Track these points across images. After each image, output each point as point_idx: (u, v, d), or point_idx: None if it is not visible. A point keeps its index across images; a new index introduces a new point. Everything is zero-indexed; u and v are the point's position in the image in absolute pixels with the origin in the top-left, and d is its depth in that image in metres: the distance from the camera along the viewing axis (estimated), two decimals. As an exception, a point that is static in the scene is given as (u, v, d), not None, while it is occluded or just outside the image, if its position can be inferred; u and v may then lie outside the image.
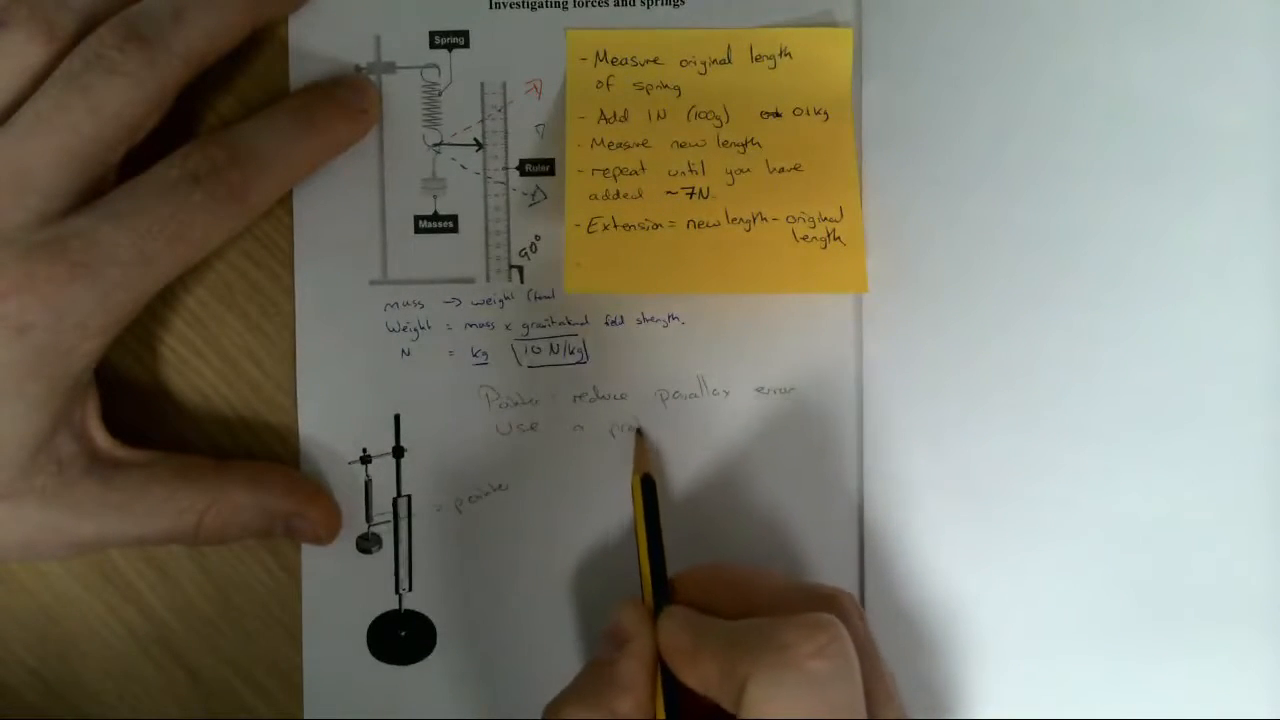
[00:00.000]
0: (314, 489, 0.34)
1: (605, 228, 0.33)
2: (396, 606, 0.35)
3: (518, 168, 0.35)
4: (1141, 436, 0.34)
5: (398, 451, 0.34)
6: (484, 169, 0.35)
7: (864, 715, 0.27)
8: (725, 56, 0.34)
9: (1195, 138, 0.34)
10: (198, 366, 0.35)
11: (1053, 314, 0.34)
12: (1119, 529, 0.34)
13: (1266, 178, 0.34)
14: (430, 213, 0.34)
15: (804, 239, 0.33)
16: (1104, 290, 0.34)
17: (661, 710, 0.29)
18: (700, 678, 0.28)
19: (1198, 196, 0.34)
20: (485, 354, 0.35)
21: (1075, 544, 0.34)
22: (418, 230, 0.34)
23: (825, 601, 0.30)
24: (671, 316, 0.35)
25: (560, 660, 0.34)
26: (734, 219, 0.33)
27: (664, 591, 0.31)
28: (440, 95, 0.34)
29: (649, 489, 0.32)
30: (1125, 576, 0.34)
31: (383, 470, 0.35)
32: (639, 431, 0.34)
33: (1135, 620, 0.35)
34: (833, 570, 0.34)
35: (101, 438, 0.32)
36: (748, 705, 0.26)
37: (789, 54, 0.34)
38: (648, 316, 0.35)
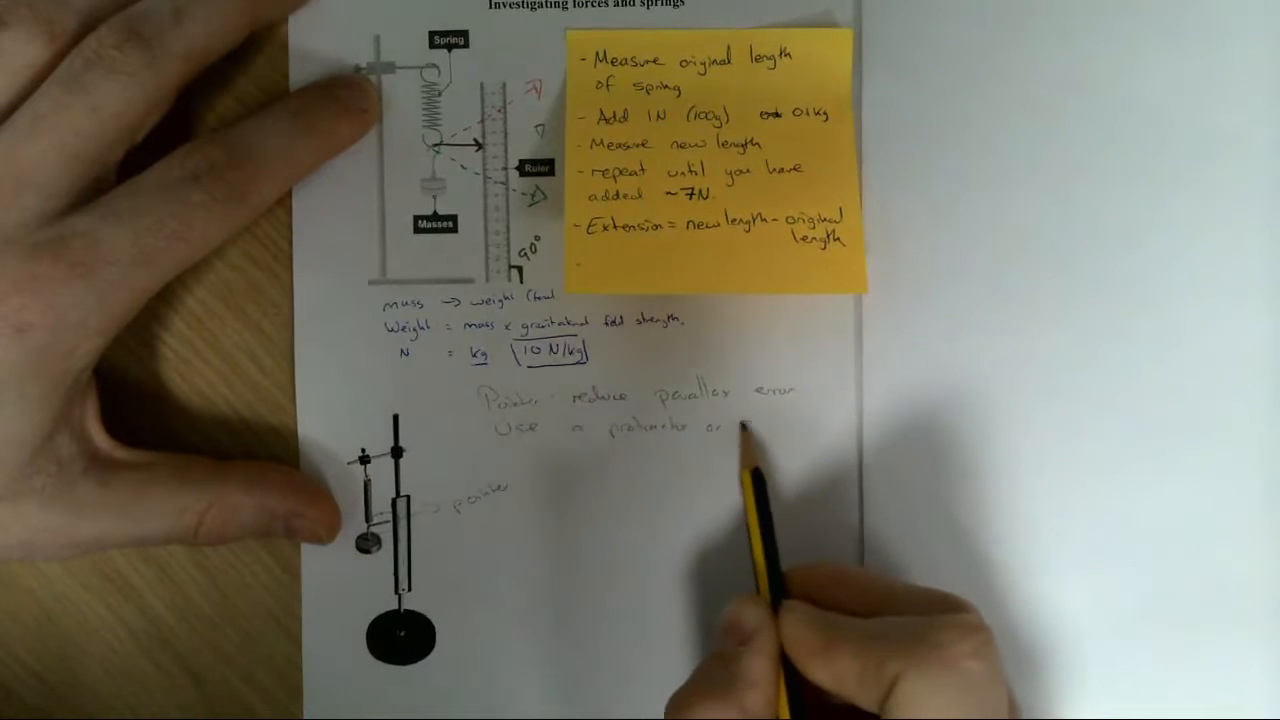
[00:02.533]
0: (313, 489, 0.34)
1: (605, 228, 0.33)
2: (396, 606, 0.35)
3: (517, 168, 0.35)
4: (1141, 437, 0.34)
5: (396, 452, 0.34)
6: (484, 169, 0.35)
7: (1010, 718, 0.27)
8: (725, 57, 0.34)
9: (1196, 138, 0.34)
10: (197, 366, 0.35)
11: (1052, 314, 0.34)
12: (1119, 529, 0.34)
13: (1267, 179, 0.34)
14: (430, 213, 0.34)
15: (803, 239, 0.33)
16: (1103, 290, 0.34)
17: (785, 708, 0.29)
18: (833, 674, 0.28)
19: (1198, 197, 0.34)
20: (485, 354, 0.35)
21: (1075, 545, 0.34)
22: (417, 230, 0.34)
23: (957, 606, 0.30)
24: (671, 316, 0.35)
25: (559, 661, 0.34)
26: (734, 219, 0.33)
27: (780, 585, 0.31)
28: (440, 95, 0.34)
29: (759, 482, 0.32)
30: (1125, 577, 0.34)
31: (382, 470, 0.35)
32: (744, 425, 0.34)
33: (1135, 621, 0.34)
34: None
35: (101, 438, 0.32)
36: (900, 702, 0.26)
37: (789, 54, 0.34)
38: (648, 316, 0.35)
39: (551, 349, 0.35)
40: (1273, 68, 0.34)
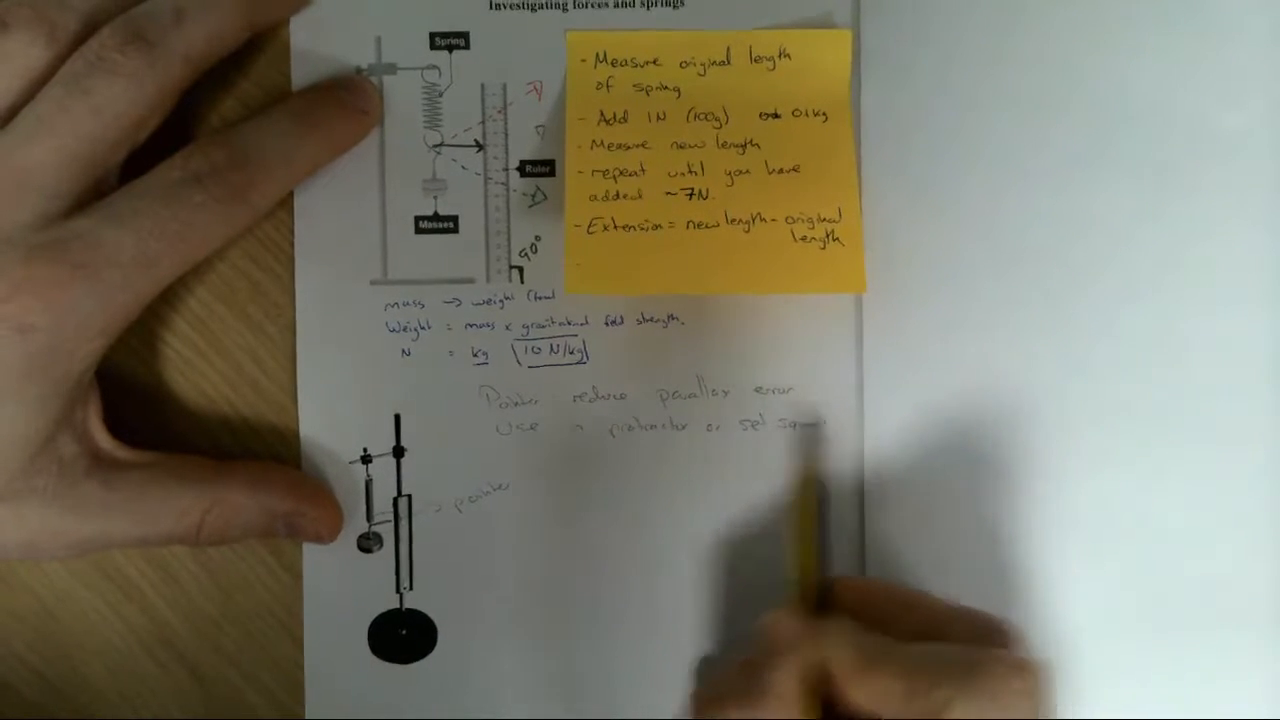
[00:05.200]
0: (315, 488, 0.34)
1: (605, 228, 0.33)
2: (397, 606, 0.35)
3: (518, 169, 0.35)
4: (1141, 437, 0.34)
5: (398, 451, 0.35)
6: (484, 170, 0.35)
7: None
8: (724, 58, 0.34)
9: (1196, 137, 0.34)
10: (199, 367, 0.35)
11: (1053, 314, 0.34)
12: (1119, 529, 0.34)
13: (1266, 178, 0.34)
14: (431, 213, 0.35)
15: (803, 240, 0.33)
16: (1103, 290, 0.34)
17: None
18: (873, 695, 0.28)
19: (1199, 197, 0.34)
20: (485, 354, 0.35)
21: (1076, 545, 0.34)
22: (418, 230, 0.35)
23: (998, 630, 0.30)
24: (671, 316, 0.35)
25: (560, 660, 0.35)
26: (733, 220, 0.33)
27: (821, 598, 0.31)
28: (441, 96, 0.34)
29: (818, 490, 0.32)
30: (1126, 577, 0.35)
31: (383, 470, 0.35)
32: (816, 425, 0.34)
33: (1136, 621, 0.35)
34: (834, 571, 0.34)
35: (103, 439, 0.32)
36: None
37: (788, 55, 0.34)
38: (648, 316, 0.35)
39: (552, 349, 0.35)
40: (1271, 66, 0.34)
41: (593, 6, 0.34)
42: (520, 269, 0.35)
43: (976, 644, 0.29)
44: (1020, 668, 0.28)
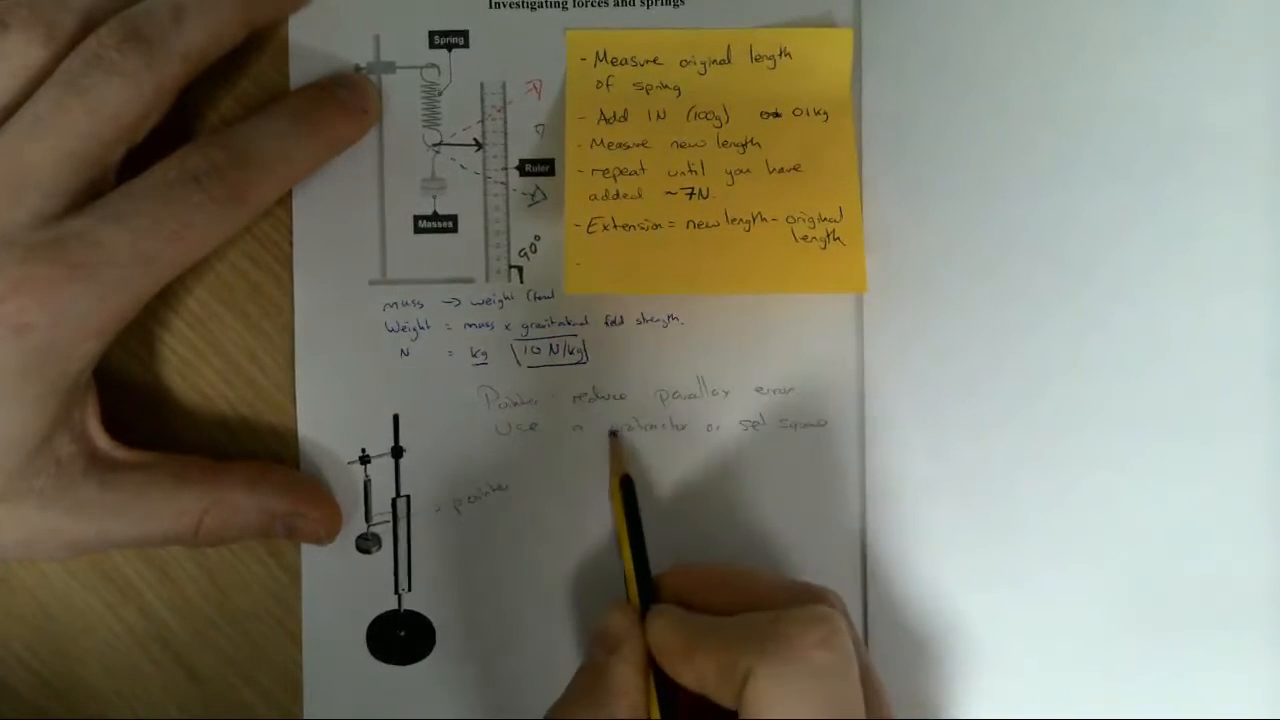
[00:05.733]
0: (313, 489, 0.34)
1: (605, 228, 0.33)
2: (396, 606, 0.35)
3: (517, 168, 0.34)
4: (1142, 437, 0.34)
5: (397, 452, 0.34)
6: (483, 169, 0.34)
7: (862, 709, 0.27)
8: (725, 57, 0.34)
9: (1197, 137, 0.34)
10: (198, 367, 0.35)
11: (1052, 314, 0.34)
12: (1120, 529, 0.34)
13: (1273, 184, 0.34)
14: (430, 213, 0.34)
15: (803, 239, 0.33)
16: (1105, 291, 0.34)
17: (656, 711, 0.29)
18: (696, 675, 0.28)
19: (1201, 198, 0.34)
20: (485, 354, 0.35)
21: (1077, 544, 0.34)
22: (417, 230, 0.34)
23: (814, 598, 0.30)
24: (671, 316, 0.35)
25: (559, 660, 0.35)
26: (734, 219, 0.33)
27: (649, 591, 0.31)
28: (440, 95, 0.34)
29: (629, 490, 0.32)
30: (1126, 577, 0.34)
31: (382, 470, 0.35)
32: (614, 434, 0.34)
33: (1136, 621, 0.35)
34: (835, 571, 0.34)
35: (101, 439, 0.32)
36: (751, 699, 0.26)
37: (789, 54, 0.34)
38: (647, 316, 0.35)
39: (551, 349, 0.35)
40: (1263, 64, 0.34)
41: (592, 5, 0.34)
42: (520, 269, 0.35)
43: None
44: (814, 620, 0.27)
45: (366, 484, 0.35)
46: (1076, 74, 0.34)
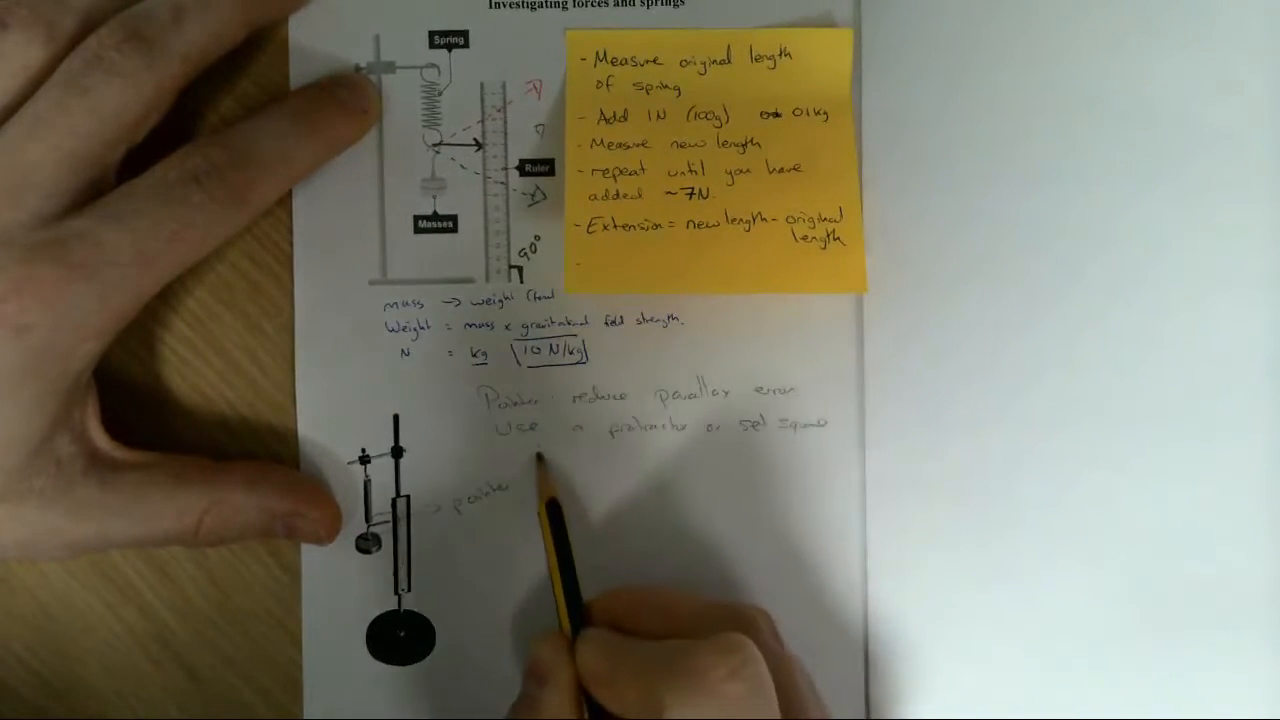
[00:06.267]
0: (313, 489, 0.34)
1: (605, 228, 0.33)
2: (395, 607, 0.35)
3: (517, 168, 0.34)
4: (1141, 436, 0.34)
5: (397, 452, 0.34)
6: (483, 169, 0.34)
7: None
8: (725, 57, 0.34)
9: (1197, 138, 0.34)
10: (198, 367, 0.35)
11: (1053, 314, 0.34)
12: (1119, 528, 0.34)
13: (1272, 182, 0.34)
14: (430, 213, 0.34)
15: (803, 239, 0.33)
16: (1104, 291, 0.34)
17: None
18: (620, 702, 0.28)
19: (1199, 198, 0.34)
20: (485, 354, 0.35)
21: (1077, 544, 0.34)
22: (417, 230, 0.34)
23: (740, 619, 0.30)
24: (671, 316, 0.35)
25: (560, 660, 0.35)
26: (734, 219, 0.33)
27: (580, 617, 0.31)
28: (440, 95, 0.34)
29: (555, 514, 0.32)
30: (1126, 577, 0.35)
31: (382, 470, 0.35)
32: (539, 457, 0.34)
33: (1136, 621, 0.35)
34: (835, 570, 0.34)
35: (101, 439, 0.32)
36: None
37: (789, 54, 0.34)
38: (648, 316, 0.35)
39: (551, 349, 0.35)
40: (1263, 63, 0.34)
41: (592, 5, 0.34)
42: (520, 269, 0.35)
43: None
44: (725, 650, 0.27)
45: (366, 484, 0.35)
46: (1076, 74, 0.34)
